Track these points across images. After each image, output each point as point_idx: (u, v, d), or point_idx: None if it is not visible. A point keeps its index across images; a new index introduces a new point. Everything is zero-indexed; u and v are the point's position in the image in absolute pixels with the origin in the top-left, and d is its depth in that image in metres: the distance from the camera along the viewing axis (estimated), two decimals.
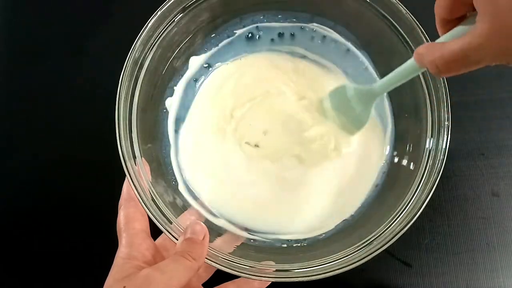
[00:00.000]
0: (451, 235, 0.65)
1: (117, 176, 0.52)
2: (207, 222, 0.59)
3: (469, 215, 0.66)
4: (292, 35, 0.67)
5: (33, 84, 0.73)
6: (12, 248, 0.67)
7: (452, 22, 0.42)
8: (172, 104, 0.64)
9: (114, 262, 0.46)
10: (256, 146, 0.62)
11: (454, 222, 0.66)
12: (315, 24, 0.66)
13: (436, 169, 0.53)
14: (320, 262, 0.51)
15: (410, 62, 0.48)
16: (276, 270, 0.51)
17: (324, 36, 0.66)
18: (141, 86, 0.57)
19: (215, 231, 0.58)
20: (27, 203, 0.68)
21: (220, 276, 0.53)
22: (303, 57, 0.67)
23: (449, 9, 0.41)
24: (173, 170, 0.62)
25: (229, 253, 0.52)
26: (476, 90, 0.70)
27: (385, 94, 0.64)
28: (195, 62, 0.66)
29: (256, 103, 0.64)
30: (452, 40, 0.40)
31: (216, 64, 0.67)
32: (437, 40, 0.43)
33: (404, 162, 0.60)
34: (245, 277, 0.49)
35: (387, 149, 0.63)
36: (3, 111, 0.72)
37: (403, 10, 0.57)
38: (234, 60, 0.67)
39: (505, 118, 0.69)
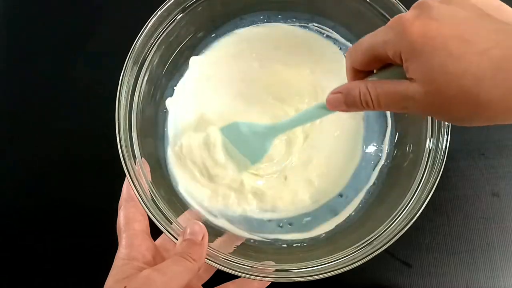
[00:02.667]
0: (451, 235, 0.66)
1: (117, 176, 0.52)
2: (207, 222, 0.59)
3: (469, 215, 0.66)
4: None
5: (32, 84, 0.73)
6: (12, 248, 0.67)
7: (363, 73, 0.43)
8: (172, 104, 0.64)
9: (114, 263, 0.46)
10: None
11: (454, 222, 0.66)
12: (315, 24, 0.66)
13: (436, 169, 0.53)
14: (320, 262, 0.51)
15: (316, 106, 0.49)
16: (276, 270, 0.51)
17: (324, 36, 0.66)
18: (141, 86, 0.57)
19: (215, 231, 0.58)
20: (27, 203, 0.68)
21: (220, 276, 0.53)
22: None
23: (364, 64, 0.42)
24: (173, 170, 0.62)
25: (229, 253, 0.52)
26: None
27: None
28: (195, 62, 0.66)
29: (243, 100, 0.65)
30: (387, 80, 0.40)
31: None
32: (371, 78, 0.43)
33: (404, 162, 0.60)
34: (245, 277, 0.49)
35: (387, 149, 0.63)
36: (3, 111, 0.73)
37: (403, 10, 0.57)
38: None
39: None
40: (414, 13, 0.37)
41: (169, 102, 0.64)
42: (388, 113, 0.65)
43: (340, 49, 0.66)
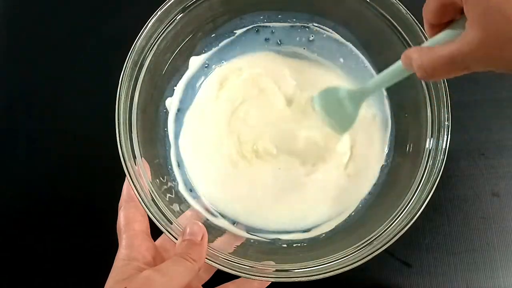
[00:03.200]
0: (451, 235, 0.66)
1: (117, 176, 0.52)
2: (207, 222, 0.59)
3: (469, 215, 0.66)
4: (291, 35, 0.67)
5: (32, 84, 0.73)
6: (12, 248, 0.67)
7: (440, 26, 0.43)
8: (172, 104, 0.64)
9: (114, 263, 0.46)
10: (254, 147, 0.63)
11: (454, 222, 0.66)
12: (315, 24, 0.66)
13: (436, 169, 0.53)
14: (320, 262, 0.51)
15: (398, 65, 0.48)
16: (276, 270, 0.51)
17: (324, 36, 0.66)
18: (141, 86, 0.57)
19: (215, 231, 0.58)
20: (27, 203, 0.68)
21: (220, 276, 0.53)
22: (304, 57, 0.67)
23: (438, 13, 0.41)
24: (173, 170, 0.62)
25: (229, 253, 0.52)
26: (476, 90, 0.70)
27: (385, 93, 0.65)
28: (195, 62, 0.66)
29: (253, 103, 0.64)
30: (441, 45, 0.40)
31: (216, 64, 0.67)
32: (424, 44, 0.43)
33: (404, 162, 0.60)
34: (246, 277, 0.49)
35: (387, 149, 0.63)
36: (3, 111, 0.72)
37: (403, 10, 0.57)
38: (234, 59, 0.67)
39: (505, 118, 0.69)
40: None
41: (169, 102, 0.64)
42: (388, 113, 0.64)
43: None
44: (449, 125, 0.54)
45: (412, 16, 0.56)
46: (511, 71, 0.38)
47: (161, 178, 0.59)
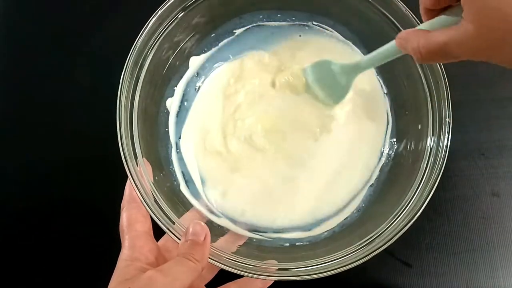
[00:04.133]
0: (451, 235, 0.66)
1: (119, 176, 0.52)
2: (210, 222, 0.59)
3: (469, 215, 0.66)
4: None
5: (32, 84, 0.72)
6: (12, 248, 0.67)
7: (435, 11, 0.43)
8: (172, 104, 0.64)
9: (117, 264, 0.46)
10: (252, 141, 0.63)
11: (454, 222, 0.66)
12: (314, 22, 0.66)
13: (437, 167, 0.54)
14: (321, 260, 0.52)
15: (391, 44, 0.49)
16: (278, 269, 0.51)
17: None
18: (141, 86, 0.57)
19: (218, 231, 0.58)
20: (27, 203, 0.68)
21: (222, 276, 0.53)
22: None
23: (433, 1, 0.42)
24: (174, 170, 0.62)
25: (232, 252, 0.52)
26: (477, 89, 0.70)
27: (385, 92, 0.65)
28: (195, 62, 0.66)
29: (253, 99, 0.65)
30: (437, 30, 0.40)
31: (217, 64, 0.67)
32: (420, 27, 0.44)
33: (405, 160, 0.60)
34: (249, 276, 0.49)
35: (387, 148, 0.64)
36: (2, 111, 0.72)
37: (403, 8, 0.57)
38: (235, 59, 0.67)
39: (506, 118, 0.69)
40: None
41: (169, 103, 0.64)
42: (388, 111, 0.65)
43: None
44: (450, 122, 0.54)
45: (412, 14, 0.56)
46: (504, 65, 0.39)
47: (162, 178, 0.59)
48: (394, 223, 0.53)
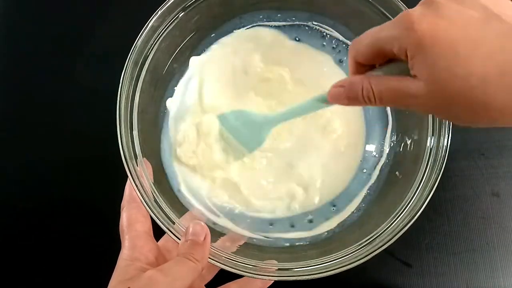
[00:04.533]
0: (451, 235, 0.66)
1: (119, 176, 0.52)
2: (210, 222, 0.59)
3: (469, 215, 0.66)
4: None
5: (33, 85, 0.73)
6: (12, 248, 0.67)
7: (367, 67, 0.43)
8: (172, 104, 0.64)
9: (117, 264, 0.46)
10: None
11: (454, 222, 0.66)
12: (314, 22, 0.66)
13: (437, 167, 0.53)
14: (321, 261, 0.51)
15: (309, 101, 0.50)
16: (278, 269, 0.51)
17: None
18: (141, 86, 0.57)
19: (217, 231, 0.58)
20: (27, 203, 0.68)
21: (222, 276, 0.53)
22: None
23: (370, 57, 0.41)
24: (174, 170, 0.62)
25: (232, 252, 0.52)
26: None
27: None
28: (195, 62, 0.66)
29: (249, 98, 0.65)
30: (391, 76, 0.40)
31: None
32: (373, 73, 0.42)
33: (405, 160, 0.60)
34: (249, 276, 0.49)
35: (388, 147, 0.64)
36: (2, 111, 0.72)
37: (403, 8, 0.57)
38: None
39: None
40: (422, 10, 0.36)
41: (169, 103, 0.64)
42: (388, 111, 0.65)
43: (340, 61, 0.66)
44: (450, 123, 0.54)
45: None
46: (456, 122, 0.39)
47: (162, 178, 0.59)
48: (394, 223, 0.53)
